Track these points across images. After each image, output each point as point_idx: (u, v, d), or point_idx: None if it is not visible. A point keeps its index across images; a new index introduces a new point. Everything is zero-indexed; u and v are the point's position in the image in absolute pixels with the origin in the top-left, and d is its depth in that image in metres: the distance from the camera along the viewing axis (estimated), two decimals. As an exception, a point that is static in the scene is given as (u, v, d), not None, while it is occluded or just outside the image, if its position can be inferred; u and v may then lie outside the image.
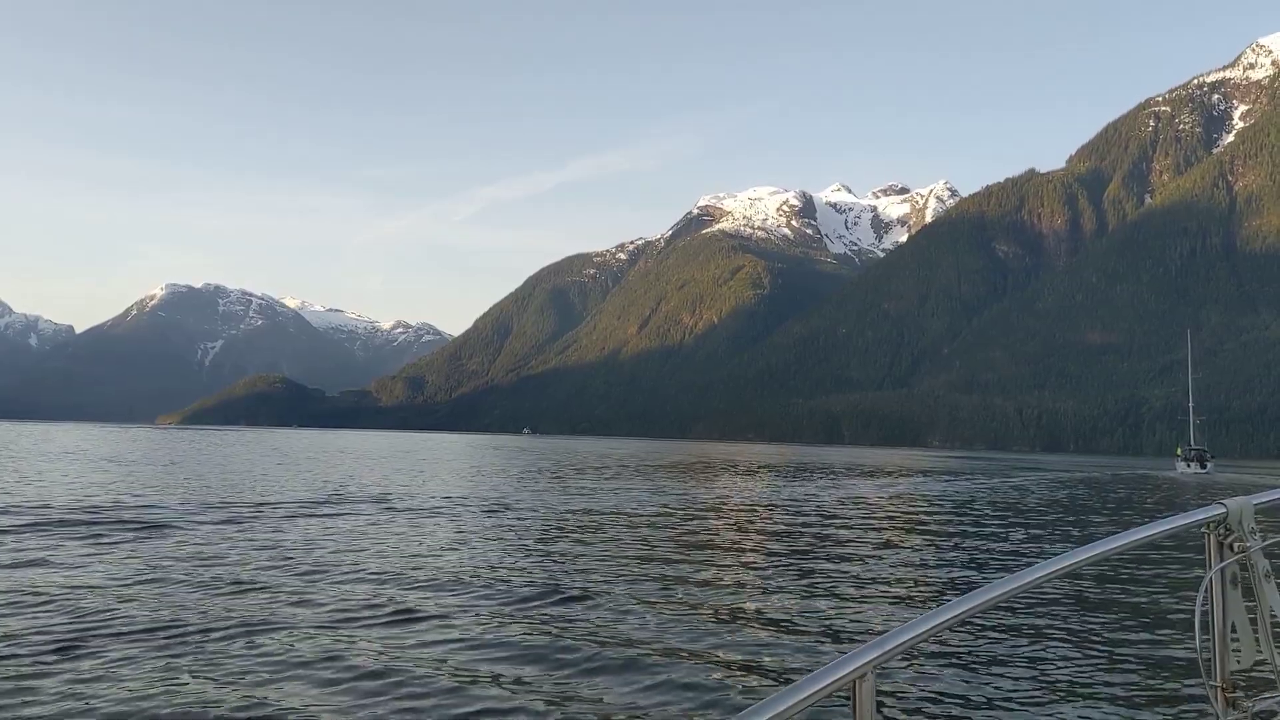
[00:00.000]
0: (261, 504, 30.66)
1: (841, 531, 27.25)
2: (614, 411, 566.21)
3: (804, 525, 29.27)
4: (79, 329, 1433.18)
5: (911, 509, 37.26)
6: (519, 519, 28.77)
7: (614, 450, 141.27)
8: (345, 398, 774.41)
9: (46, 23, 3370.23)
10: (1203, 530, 3.37)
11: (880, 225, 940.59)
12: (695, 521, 29.52)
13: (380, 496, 35.62)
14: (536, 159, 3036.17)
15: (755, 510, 34.93)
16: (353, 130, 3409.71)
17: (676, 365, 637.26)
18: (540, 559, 20.20)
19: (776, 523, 30.17)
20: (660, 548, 22.69)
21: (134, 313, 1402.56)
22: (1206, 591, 3.33)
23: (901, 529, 29.08)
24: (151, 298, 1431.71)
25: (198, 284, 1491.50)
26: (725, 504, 37.37)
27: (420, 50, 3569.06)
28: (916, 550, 23.57)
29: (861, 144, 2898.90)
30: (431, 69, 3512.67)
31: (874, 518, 32.62)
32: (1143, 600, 16.60)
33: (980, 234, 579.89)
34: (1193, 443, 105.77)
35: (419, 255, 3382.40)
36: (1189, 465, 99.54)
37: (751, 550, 22.96)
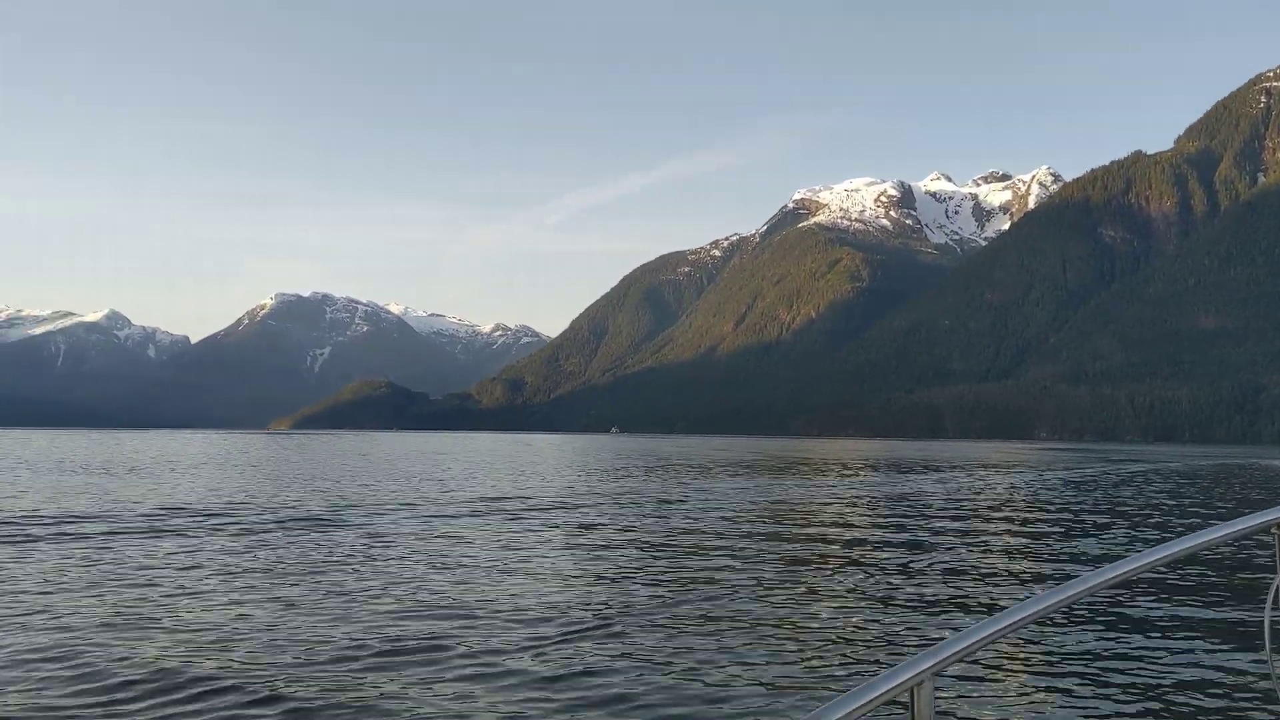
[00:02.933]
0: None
1: (923, 533, 26.57)
2: (711, 409, 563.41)
3: (887, 524, 28.81)
4: (194, 339, 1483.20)
5: (1002, 506, 36.18)
6: (592, 525, 28.76)
7: (700, 448, 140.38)
8: (448, 400, 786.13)
9: (155, 46, 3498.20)
10: (1271, 532, 3.21)
11: (982, 213, 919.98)
12: (776, 521, 29.17)
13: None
14: (627, 162, 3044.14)
15: (841, 508, 34.39)
16: (441, 142, 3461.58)
17: (774, 361, 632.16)
18: (606, 566, 20.30)
19: (860, 522, 29.71)
20: (735, 548, 22.60)
21: (245, 322, 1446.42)
22: (1275, 597, 3.20)
23: (987, 528, 28.48)
24: (262, 307, 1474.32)
25: (305, 293, 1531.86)
26: (812, 502, 36.82)
27: (504, 59, 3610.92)
28: (995, 551, 23.00)
29: (960, 132, 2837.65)
30: (517, 78, 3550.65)
31: (962, 515, 31.75)
32: (1207, 606, 15.94)
33: (1086, 219, 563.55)
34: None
35: (515, 259, 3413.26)
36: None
37: (825, 551, 22.65)
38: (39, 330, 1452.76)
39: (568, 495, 40.58)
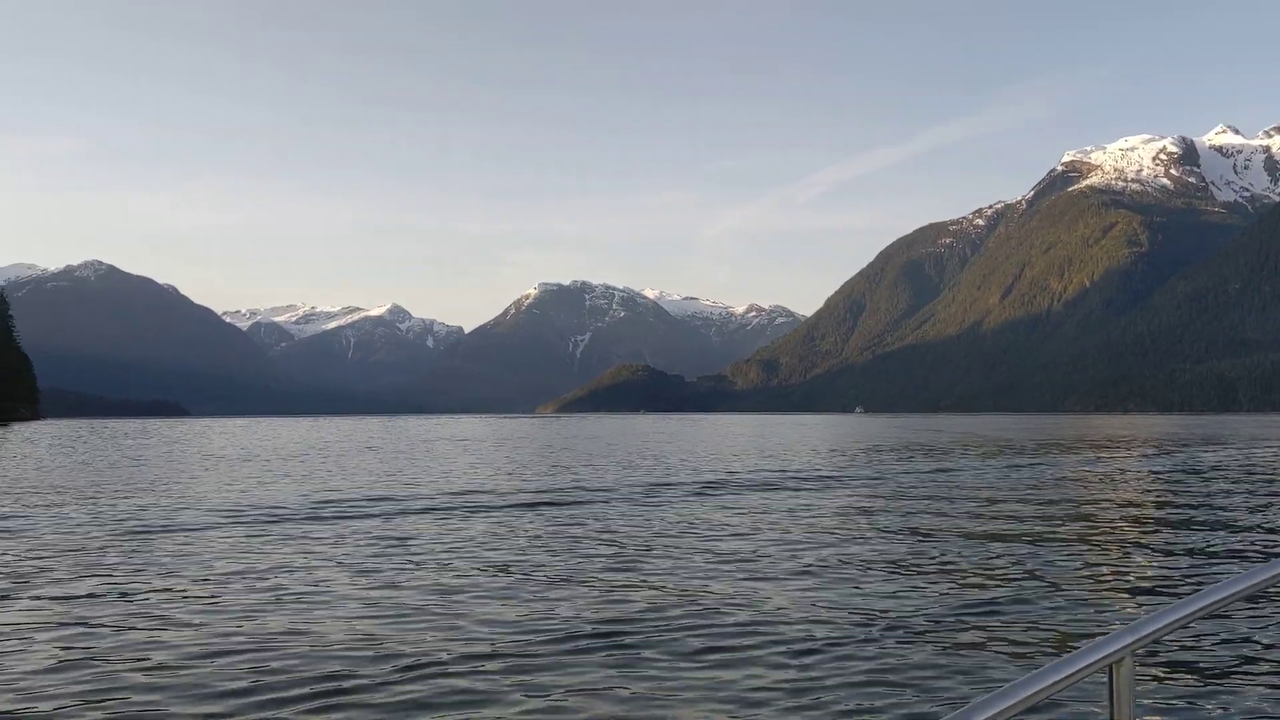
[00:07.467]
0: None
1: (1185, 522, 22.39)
2: (976, 387, 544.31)
3: (1153, 506, 24.78)
4: (467, 329, 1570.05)
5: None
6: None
7: (970, 427, 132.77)
8: (703, 383, 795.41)
9: (432, 50, 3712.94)
10: None
11: (1275, 167, 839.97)
12: (1054, 503, 25.74)
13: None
14: (880, 134, 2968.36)
15: (1124, 488, 30.24)
16: (693, 125, 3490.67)
17: (1045, 334, 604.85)
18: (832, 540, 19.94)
19: (1122, 503, 25.72)
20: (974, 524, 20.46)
21: (512, 312, 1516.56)
22: None
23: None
24: (527, 297, 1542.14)
25: (566, 281, 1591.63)
26: (1082, 482, 32.66)
27: (751, 39, 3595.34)
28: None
29: (1246, 80, 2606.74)
30: (765, 57, 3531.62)
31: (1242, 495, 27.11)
32: None
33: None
34: None
35: (767, 240, 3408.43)
36: None
37: (1071, 534, 19.41)
38: (331, 325, 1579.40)
39: (835, 472, 37.95)
